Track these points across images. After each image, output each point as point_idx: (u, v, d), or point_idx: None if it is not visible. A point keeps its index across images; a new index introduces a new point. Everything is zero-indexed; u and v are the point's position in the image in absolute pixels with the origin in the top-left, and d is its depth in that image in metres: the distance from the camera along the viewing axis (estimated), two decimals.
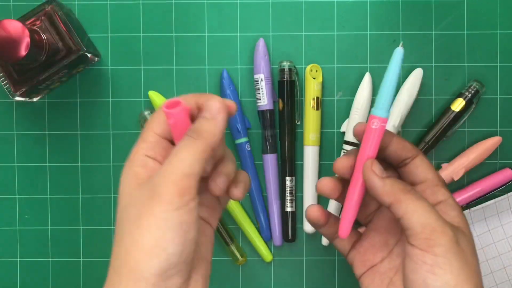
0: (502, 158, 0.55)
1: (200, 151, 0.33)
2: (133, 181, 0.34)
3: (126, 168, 0.35)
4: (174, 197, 0.32)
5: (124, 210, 0.34)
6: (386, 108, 0.36)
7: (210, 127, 0.34)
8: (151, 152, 0.35)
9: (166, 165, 0.33)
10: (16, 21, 0.45)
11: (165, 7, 0.55)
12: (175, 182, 0.32)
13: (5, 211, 0.55)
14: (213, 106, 0.35)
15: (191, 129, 0.34)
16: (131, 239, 0.33)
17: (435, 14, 0.54)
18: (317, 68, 0.54)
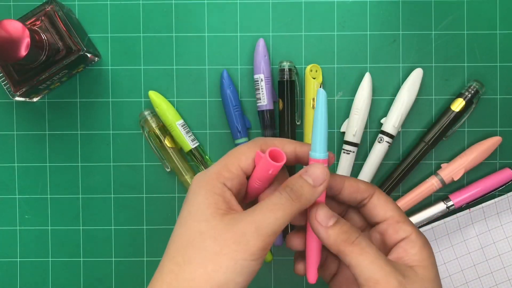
0: (502, 158, 0.55)
1: (293, 214, 0.35)
2: (213, 208, 0.35)
3: (204, 189, 0.36)
4: (259, 250, 0.34)
5: (199, 235, 0.34)
6: (323, 149, 0.36)
7: (309, 193, 0.36)
8: (229, 183, 0.36)
9: (259, 215, 0.34)
10: (16, 21, 0.45)
11: (165, 7, 0.55)
12: (264, 237, 0.34)
13: (5, 211, 0.55)
14: (319, 175, 0.36)
15: (290, 187, 0.35)
16: (202, 271, 0.34)
17: (435, 14, 0.55)
18: (317, 68, 0.54)
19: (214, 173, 0.36)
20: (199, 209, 0.35)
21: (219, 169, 0.37)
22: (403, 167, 0.54)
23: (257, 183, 0.37)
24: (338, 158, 0.55)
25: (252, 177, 0.37)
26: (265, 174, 0.37)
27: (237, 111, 0.54)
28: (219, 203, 0.35)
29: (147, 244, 0.55)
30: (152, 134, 0.54)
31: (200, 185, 0.36)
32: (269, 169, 0.36)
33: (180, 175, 0.54)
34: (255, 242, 0.34)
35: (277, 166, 0.36)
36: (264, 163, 0.36)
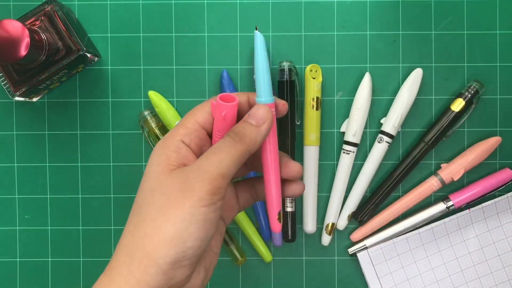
0: (502, 158, 0.55)
1: (239, 155, 0.35)
2: (164, 165, 0.35)
3: (158, 149, 0.36)
4: (206, 195, 0.33)
5: (149, 193, 0.35)
6: (267, 93, 0.37)
7: (252, 133, 0.36)
8: (187, 138, 0.36)
9: (203, 161, 0.34)
10: (16, 21, 0.45)
11: (165, 7, 0.55)
12: (210, 180, 0.33)
13: (5, 211, 0.55)
14: (260, 114, 0.36)
15: (233, 131, 0.36)
16: (153, 225, 0.33)
17: (435, 14, 0.54)
18: (317, 68, 0.54)
19: (170, 133, 0.37)
20: (151, 169, 0.35)
21: (175, 129, 0.37)
22: (403, 167, 0.54)
23: (217, 135, 0.37)
24: (338, 158, 0.55)
25: (213, 131, 0.37)
26: (221, 121, 0.36)
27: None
28: (171, 160, 0.35)
29: None
30: (152, 134, 0.54)
31: (156, 147, 0.36)
32: (222, 111, 0.36)
33: None
34: (201, 185, 0.33)
35: (229, 106, 0.36)
36: (218, 108, 0.36)
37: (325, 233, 0.55)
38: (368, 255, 0.54)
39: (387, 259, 0.54)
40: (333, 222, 0.55)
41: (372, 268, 0.54)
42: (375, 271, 0.54)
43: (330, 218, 0.55)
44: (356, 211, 0.55)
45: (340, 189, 0.55)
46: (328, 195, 0.55)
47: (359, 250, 0.55)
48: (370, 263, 0.54)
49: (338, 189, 0.55)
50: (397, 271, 0.55)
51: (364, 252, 0.54)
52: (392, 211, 0.55)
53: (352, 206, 0.55)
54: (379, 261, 0.54)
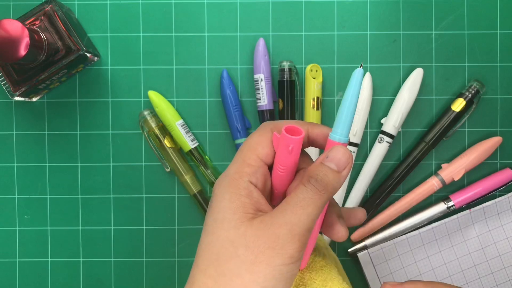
0: (502, 158, 0.55)
1: (323, 205, 0.33)
2: (241, 213, 0.33)
3: (229, 193, 0.34)
4: (296, 252, 0.32)
5: (230, 245, 0.33)
6: (346, 132, 0.34)
7: (334, 181, 0.33)
8: (253, 178, 0.34)
9: (289, 215, 0.32)
10: (16, 21, 0.45)
11: (165, 7, 0.55)
12: (300, 237, 0.32)
13: (5, 211, 0.55)
14: (341, 158, 0.34)
15: (314, 178, 0.33)
16: (239, 282, 0.32)
17: (435, 14, 0.54)
18: (317, 68, 0.54)
19: (235, 172, 0.34)
20: (225, 216, 0.33)
21: (238, 167, 0.34)
22: (403, 167, 0.54)
23: (280, 169, 0.35)
24: None
25: (275, 164, 0.35)
26: (286, 155, 0.34)
27: (237, 111, 0.54)
28: (246, 206, 0.33)
29: (146, 244, 0.55)
30: (152, 134, 0.54)
31: (223, 189, 0.34)
32: (289, 145, 0.34)
33: (179, 175, 0.54)
34: (291, 244, 0.32)
35: (297, 140, 0.34)
36: (283, 141, 0.34)
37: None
38: (369, 255, 0.54)
39: (387, 259, 0.54)
40: None
41: (373, 268, 0.54)
42: (375, 271, 0.54)
43: None
44: None
45: (341, 189, 0.54)
46: None
47: (359, 250, 0.55)
48: (371, 263, 0.54)
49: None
50: (397, 271, 0.54)
51: (364, 252, 0.54)
52: (392, 211, 0.55)
53: (353, 206, 0.55)
54: (379, 261, 0.54)
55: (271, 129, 0.36)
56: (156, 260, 0.55)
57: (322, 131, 0.36)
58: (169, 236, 0.55)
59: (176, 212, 0.55)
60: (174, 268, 0.55)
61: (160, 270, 0.55)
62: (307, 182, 0.33)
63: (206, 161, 0.55)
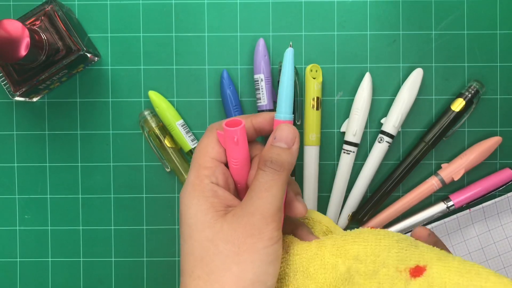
0: (502, 158, 0.55)
1: (285, 183, 0.35)
2: (213, 213, 0.34)
3: (195, 198, 0.35)
4: (274, 232, 0.34)
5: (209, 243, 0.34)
6: (289, 110, 0.36)
7: (288, 157, 0.35)
8: (213, 178, 0.36)
9: (257, 200, 0.34)
10: (16, 21, 0.45)
11: (165, 7, 0.55)
12: (273, 218, 0.34)
13: (5, 211, 0.55)
14: (288, 135, 0.36)
15: (269, 160, 0.35)
16: (229, 275, 0.33)
17: (435, 14, 0.54)
18: (317, 68, 0.54)
19: (194, 178, 0.36)
20: (198, 219, 0.34)
21: (196, 172, 0.36)
22: (403, 167, 0.54)
23: (234, 162, 0.37)
24: (338, 158, 0.55)
25: (228, 160, 0.37)
26: (234, 147, 0.36)
27: (237, 111, 0.54)
28: (216, 205, 0.35)
29: (147, 244, 0.55)
30: (152, 134, 0.54)
31: (188, 195, 0.35)
32: (233, 137, 0.35)
33: (180, 175, 0.54)
34: (267, 226, 0.33)
35: (238, 130, 0.35)
36: (227, 135, 0.36)
37: None
38: None
39: None
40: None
41: None
42: None
43: (331, 218, 0.55)
44: (356, 211, 0.55)
45: (340, 189, 0.55)
46: (328, 195, 0.55)
47: None
48: None
49: (338, 189, 0.55)
50: None
51: None
52: (392, 211, 0.55)
53: (352, 206, 0.55)
54: None
55: (216, 129, 0.37)
56: (156, 260, 0.55)
57: (265, 117, 0.38)
58: (169, 236, 0.55)
59: (176, 212, 0.55)
60: (174, 268, 0.55)
61: (160, 270, 0.55)
62: (263, 166, 0.35)
63: None
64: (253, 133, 0.38)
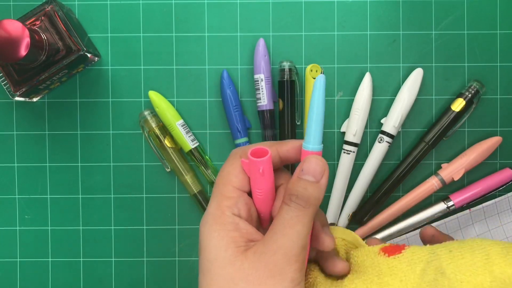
0: (502, 158, 0.55)
1: (310, 220, 0.33)
2: (233, 248, 0.33)
3: (215, 231, 0.33)
4: (296, 273, 0.32)
5: (231, 282, 0.32)
6: (318, 141, 0.35)
7: (315, 192, 0.33)
8: (236, 209, 0.34)
9: (281, 238, 0.32)
10: (16, 21, 0.45)
11: (165, 7, 0.55)
12: (296, 258, 0.32)
13: (5, 211, 0.55)
14: (316, 167, 0.34)
15: (294, 195, 0.33)
16: None
17: (435, 14, 0.54)
18: (317, 68, 0.54)
19: (216, 208, 0.34)
20: (218, 254, 0.33)
21: (218, 202, 0.34)
22: (403, 167, 0.54)
23: (259, 193, 0.35)
24: (338, 158, 0.55)
25: (252, 190, 0.35)
26: (259, 178, 0.34)
27: (237, 111, 0.54)
28: (237, 240, 0.33)
29: (147, 244, 0.55)
30: (152, 134, 0.54)
31: (209, 228, 0.34)
32: (259, 168, 0.34)
33: (180, 175, 0.54)
34: (289, 267, 0.32)
35: (264, 161, 0.34)
36: (252, 165, 0.34)
37: None
38: None
39: None
40: (334, 222, 0.55)
41: None
42: None
43: (331, 218, 0.55)
44: (356, 211, 0.55)
45: (341, 189, 0.55)
46: (329, 195, 0.55)
47: None
48: None
49: (339, 189, 0.55)
50: None
51: None
52: (392, 211, 0.55)
53: (353, 206, 0.55)
54: None
55: (240, 156, 0.35)
56: (156, 260, 0.55)
57: (292, 145, 0.36)
58: (169, 236, 0.55)
59: (177, 212, 0.55)
60: (174, 268, 0.55)
61: (160, 270, 0.55)
62: (289, 200, 0.33)
63: (207, 161, 0.55)
64: (278, 161, 0.36)
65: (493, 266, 0.32)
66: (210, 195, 0.54)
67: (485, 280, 0.32)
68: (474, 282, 0.32)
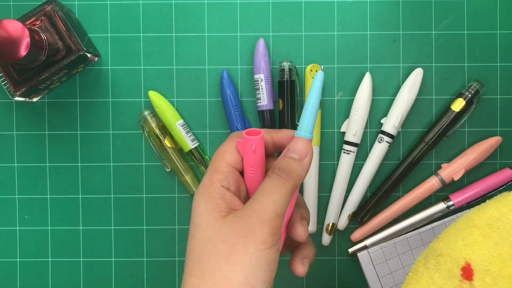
0: (502, 158, 0.55)
1: (289, 192, 0.35)
2: (215, 213, 0.35)
3: (203, 198, 0.36)
4: (268, 237, 0.34)
5: (208, 242, 0.34)
6: (310, 130, 0.37)
7: (297, 168, 0.36)
8: (225, 182, 0.36)
9: (257, 203, 0.34)
10: (16, 21, 0.45)
11: (165, 7, 0.55)
12: (269, 222, 0.34)
13: (5, 211, 0.55)
14: (302, 148, 0.36)
15: (277, 168, 0.35)
16: (220, 274, 0.34)
17: (435, 14, 0.54)
18: (317, 68, 0.54)
19: (207, 180, 0.37)
20: (202, 218, 0.35)
21: (210, 175, 0.37)
22: (403, 167, 0.54)
23: (250, 171, 0.37)
24: (338, 158, 0.55)
25: (244, 168, 0.38)
26: (251, 156, 0.37)
27: (237, 111, 0.54)
28: (221, 206, 0.35)
29: (147, 244, 0.55)
30: (152, 134, 0.54)
31: (199, 196, 0.36)
32: (252, 145, 0.36)
33: (180, 175, 0.54)
34: (261, 229, 0.34)
35: (257, 138, 0.36)
36: (246, 143, 0.36)
37: (326, 233, 0.55)
38: (369, 255, 0.54)
39: (387, 259, 0.54)
40: (334, 222, 0.55)
41: (373, 268, 0.54)
42: (375, 271, 0.54)
43: (331, 218, 0.55)
44: (356, 211, 0.55)
45: (341, 189, 0.55)
46: (329, 195, 0.55)
47: (359, 250, 0.55)
48: (371, 263, 0.54)
49: (339, 189, 0.55)
50: (397, 271, 0.54)
51: (364, 252, 0.54)
52: (392, 211, 0.55)
53: (353, 206, 0.55)
54: (379, 261, 0.54)
55: (236, 137, 0.38)
56: (156, 260, 0.55)
57: (286, 133, 0.38)
58: (169, 236, 0.55)
59: (177, 212, 0.55)
60: (174, 268, 0.55)
61: (160, 270, 0.55)
62: (271, 172, 0.35)
63: (206, 161, 0.55)
64: (272, 147, 0.38)
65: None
66: None
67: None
68: None
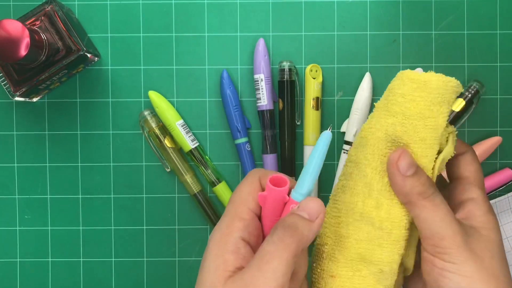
0: (502, 158, 0.55)
1: (291, 257, 0.31)
2: (221, 271, 0.32)
3: (216, 248, 0.33)
4: None
5: None
6: (304, 194, 0.34)
7: (305, 228, 0.32)
8: (246, 233, 0.33)
9: (257, 272, 0.31)
10: (16, 21, 0.45)
11: (165, 7, 0.55)
12: (275, 286, 0.31)
13: (5, 211, 0.55)
14: (314, 207, 0.33)
15: (283, 224, 0.32)
16: None
17: (435, 14, 0.54)
18: (317, 68, 0.54)
19: (226, 227, 0.34)
20: (208, 273, 0.33)
21: (229, 220, 0.34)
22: None
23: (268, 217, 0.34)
24: (338, 158, 0.55)
25: (263, 219, 0.34)
26: (268, 205, 0.33)
27: (237, 111, 0.54)
28: (228, 264, 0.32)
29: (147, 244, 0.55)
30: (152, 134, 0.54)
31: (213, 243, 0.33)
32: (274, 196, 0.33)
33: (180, 175, 0.54)
34: None
35: (282, 191, 0.33)
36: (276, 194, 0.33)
37: None
38: None
39: None
40: None
41: None
42: None
43: None
44: None
45: None
46: (328, 195, 0.55)
47: None
48: None
49: None
50: None
51: None
52: None
53: None
54: None
55: (259, 177, 0.35)
56: (156, 260, 0.55)
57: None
58: (169, 236, 0.55)
59: (176, 212, 0.55)
60: (174, 268, 0.55)
61: (160, 270, 0.55)
62: (274, 229, 0.32)
63: (206, 161, 0.55)
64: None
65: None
66: (210, 195, 0.54)
67: None
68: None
